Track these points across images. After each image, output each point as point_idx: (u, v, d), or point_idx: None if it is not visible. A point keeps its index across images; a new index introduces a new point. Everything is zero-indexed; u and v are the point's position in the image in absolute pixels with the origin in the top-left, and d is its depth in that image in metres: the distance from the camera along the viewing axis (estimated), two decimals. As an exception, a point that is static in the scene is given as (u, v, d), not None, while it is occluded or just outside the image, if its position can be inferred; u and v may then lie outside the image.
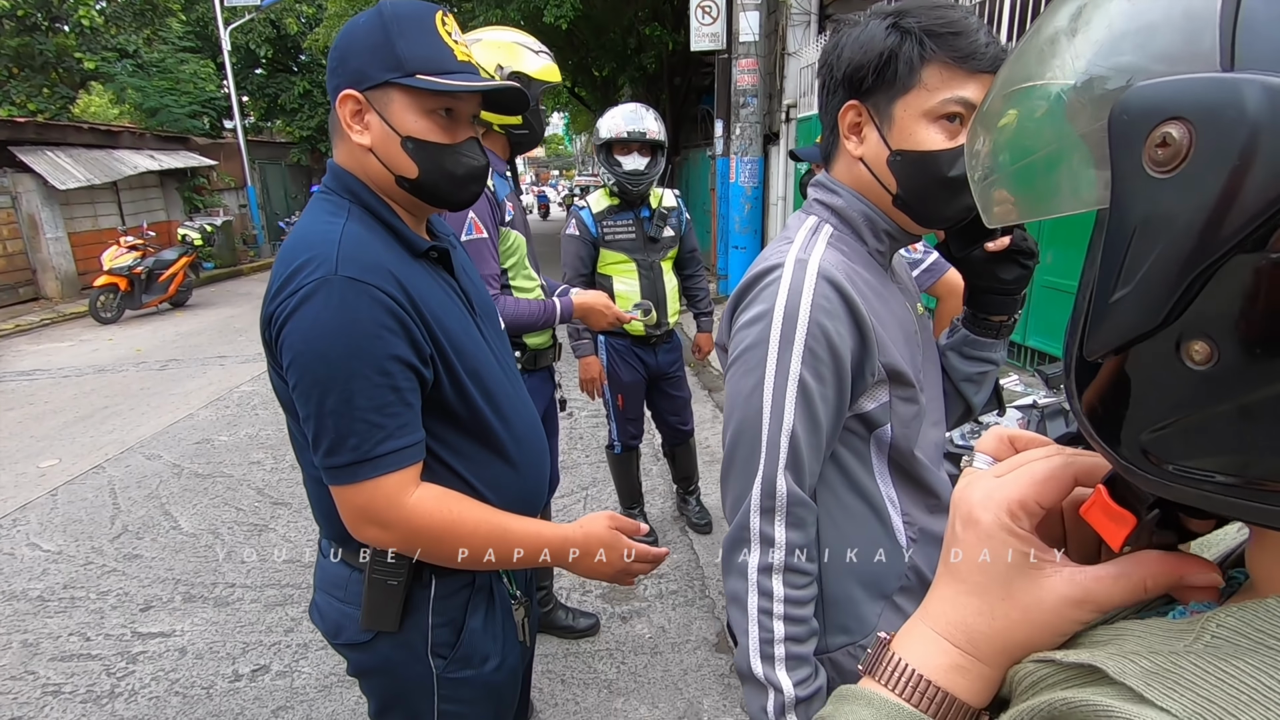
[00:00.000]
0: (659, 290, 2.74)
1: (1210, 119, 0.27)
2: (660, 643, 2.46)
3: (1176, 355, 0.30)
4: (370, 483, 0.89)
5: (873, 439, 0.93)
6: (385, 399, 0.88)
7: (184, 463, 4.15)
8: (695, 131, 12.79)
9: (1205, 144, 0.27)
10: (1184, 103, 0.28)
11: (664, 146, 2.66)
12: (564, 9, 9.42)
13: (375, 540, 0.94)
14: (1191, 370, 0.30)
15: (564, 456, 4.06)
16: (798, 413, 0.85)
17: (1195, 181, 0.28)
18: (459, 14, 10.99)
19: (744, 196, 8.19)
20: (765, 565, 0.87)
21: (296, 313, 0.86)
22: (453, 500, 0.96)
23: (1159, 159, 0.29)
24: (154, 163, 11.73)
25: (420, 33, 0.93)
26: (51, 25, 13.18)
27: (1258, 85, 0.26)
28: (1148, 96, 0.29)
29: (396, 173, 0.97)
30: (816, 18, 7.47)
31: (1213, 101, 0.27)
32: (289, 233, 0.96)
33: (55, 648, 2.52)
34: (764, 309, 0.86)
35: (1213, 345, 0.29)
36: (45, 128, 10.43)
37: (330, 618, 1.04)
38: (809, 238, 0.91)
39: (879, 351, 0.87)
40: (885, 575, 0.95)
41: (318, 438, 0.89)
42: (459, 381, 0.97)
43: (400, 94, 0.93)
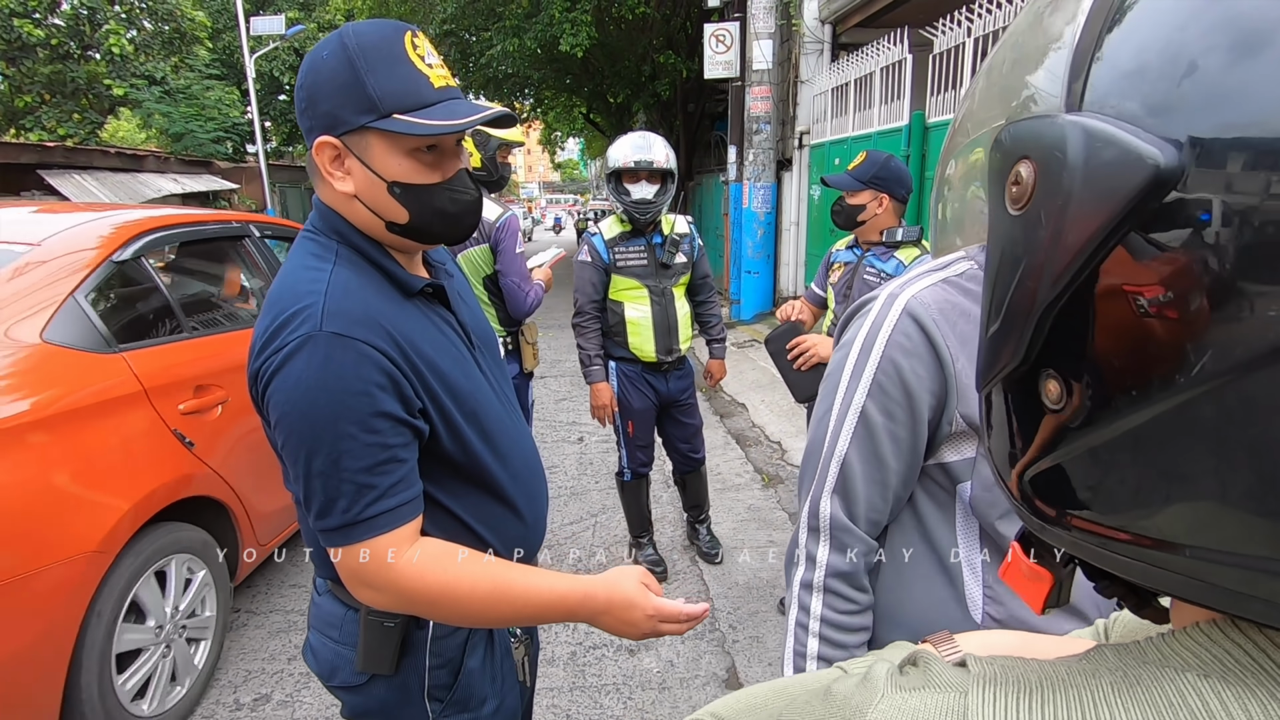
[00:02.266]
0: (671, 316, 2.72)
1: (1045, 158, 0.28)
2: (668, 678, 2.40)
3: (1037, 393, 0.30)
4: (361, 545, 0.85)
5: (957, 495, 0.87)
6: (376, 458, 0.84)
7: (195, 484, 4.16)
8: (709, 157, 12.91)
9: (1042, 183, 0.28)
10: (1029, 143, 0.29)
11: (673, 174, 2.65)
12: (580, 38, 9.58)
13: (370, 601, 0.90)
14: (1047, 409, 0.30)
15: (574, 482, 4.03)
16: (856, 442, 0.86)
17: (1034, 219, 0.29)
18: (477, 43, 11.22)
19: (757, 222, 8.21)
20: (806, 581, 0.89)
21: (281, 371, 0.83)
22: (450, 560, 0.90)
23: (1013, 196, 0.30)
24: (177, 186, 11.98)
25: (390, 63, 0.85)
26: (83, 53, 13.60)
27: (1079, 127, 0.27)
28: (1011, 135, 0.31)
29: (386, 219, 0.91)
30: (830, 46, 7.54)
31: (1046, 141, 0.28)
32: (278, 275, 0.92)
33: (58, 672, 2.50)
34: (849, 338, 0.89)
35: (1061, 385, 0.29)
36: (73, 152, 10.71)
37: (324, 658, 1.01)
38: (926, 272, 0.88)
39: (960, 400, 0.82)
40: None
41: (308, 499, 0.85)
42: (455, 429, 0.93)
43: (379, 137, 0.86)
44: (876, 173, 2.26)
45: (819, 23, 7.52)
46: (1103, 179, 0.26)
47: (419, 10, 11.80)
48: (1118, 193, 0.25)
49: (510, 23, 10.28)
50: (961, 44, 4.72)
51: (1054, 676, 0.31)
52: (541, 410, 5.35)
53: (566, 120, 20.48)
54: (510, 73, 11.29)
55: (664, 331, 2.71)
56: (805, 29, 7.52)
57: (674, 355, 2.75)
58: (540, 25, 9.91)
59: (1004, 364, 0.32)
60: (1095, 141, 0.26)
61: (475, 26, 11.17)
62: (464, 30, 11.34)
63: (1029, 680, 0.31)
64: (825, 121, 7.33)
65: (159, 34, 14.50)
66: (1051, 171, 0.28)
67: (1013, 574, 0.37)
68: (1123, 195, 0.25)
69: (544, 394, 5.83)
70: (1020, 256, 0.29)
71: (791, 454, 4.32)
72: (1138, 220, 0.25)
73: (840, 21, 7.30)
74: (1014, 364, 0.31)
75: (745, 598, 2.85)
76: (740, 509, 3.68)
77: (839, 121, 6.96)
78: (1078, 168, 0.26)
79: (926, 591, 0.89)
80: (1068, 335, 0.28)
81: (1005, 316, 0.31)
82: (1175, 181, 0.24)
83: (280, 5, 18.30)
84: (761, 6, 7.62)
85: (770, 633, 2.62)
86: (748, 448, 4.55)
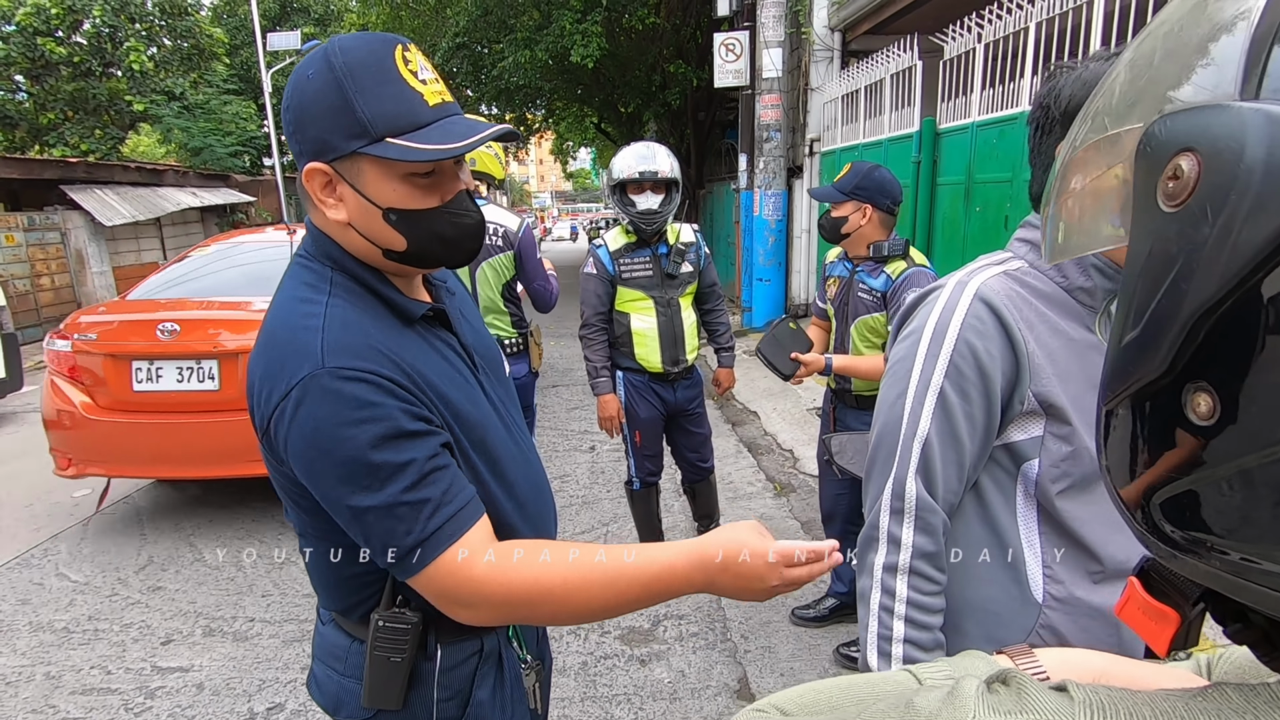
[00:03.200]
0: (677, 327, 2.72)
1: (1214, 150, 0.26)
2: (680, 688, 2.39)
3: (1181, 408, 0.28)
4: (435, 563, 0.81)
5: (1020, 475, 0.90)
6: (419, 473, 0.80)
7: (210, 495, 4.20)
8: (719, 165, 12.93)
9: (1209, 176, 0.26)
10: (1194, 133, 0.27)
11: (678, 183, 2.65)
12: (590, 48, 9.65)
13: (471, 620, 0.85)
14: (1195, 425, 0.27)
15: (586, 491, 4.03)
16: (935, 422, 0.88)
17: (1197, 216, 0.26)
18: (489, 55, 11.34)
19: (768, 229, 8.21)
20: (890, 565, 0.90)
21: (296, 420, 0.78)
22: (534, 554, 0.85)
23: (1170, 192, 0.27)
24: (196, 199, 12.18)
25: (380, 83, 0.79)
26: (105, 70, 13.88)
27: (1262, 114, 0.24)
28: (1168, 128, 0.28)
29: (382, 246, 0.86)
30: (839, 54, 7.54)
31: (1218, 131, 0.26)
32: (270, 306, 0.89)
33: (77, 681, 2.53)
34: (917, 325, 0.91)
35: (1214, 398, 0.26)
36: (95, 167, 10.92)
37: (329, 691, 0.97)
38: (985, 265, 0.93)
39: (1032, 379, 0.86)
40: (1002, 621, 0.92)
41: (368, 540, 0.81)
42: (467, 458, 0.90)
43: (372, 162, 0.81)
44: (858, 183, 2.22)
45: (828, 30, 7.52)
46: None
47: (432, 24, 11.95)
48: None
49: (521, 35, 10.38)
50: (972, 50, 4.71)
51: (1170, 714, 0.28)
52: (553, 419, 5.37)
53: (578, 130, 20.60)
54: (522, 84, 11.38)
55: (670, 342, 2.71)
56: (815, 37, 7.52)
57: (680, 366, 2.75)
58: (551, 37, 9.99)
59: (1141, 375, 0.29)
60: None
61: (487, 39, 11.29)
62: (476, 43, 11.47)
63: (1141, 715, 0.28)
64: (836, 128, 7.32)
65: (178, 51, 14.79)
66: (1224, 163, 0.25)
67: (1130, 612, 0.34)
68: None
69: (555, 402, 5.84)
70: (1174, 256, 0.27)
71: (803, 462, 4.29)
72: None
73: (850, 29, 7.31)
74: (1154, 375, 0.28)
75: (757, 608, 2.83)
76: (752, 518, 3.65)
77: (850, 128, 6.95)
78: (1258, 158, 0.24)
79: (989, 572, 0.92)
80: (1229, 344, 0.26)
81: (1148, 322, 0.28)
82: None
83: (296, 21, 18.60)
84: (771, 15, 7.64)
85: (782, 643, 2.60)
86: (759, 456, 4.53)
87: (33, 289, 9.65)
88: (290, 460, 0.81)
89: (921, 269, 2.20)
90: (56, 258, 10.04)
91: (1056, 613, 0.90)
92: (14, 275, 9.28)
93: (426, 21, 12.08)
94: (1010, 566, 0.91)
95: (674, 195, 2.65)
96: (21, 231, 9.50)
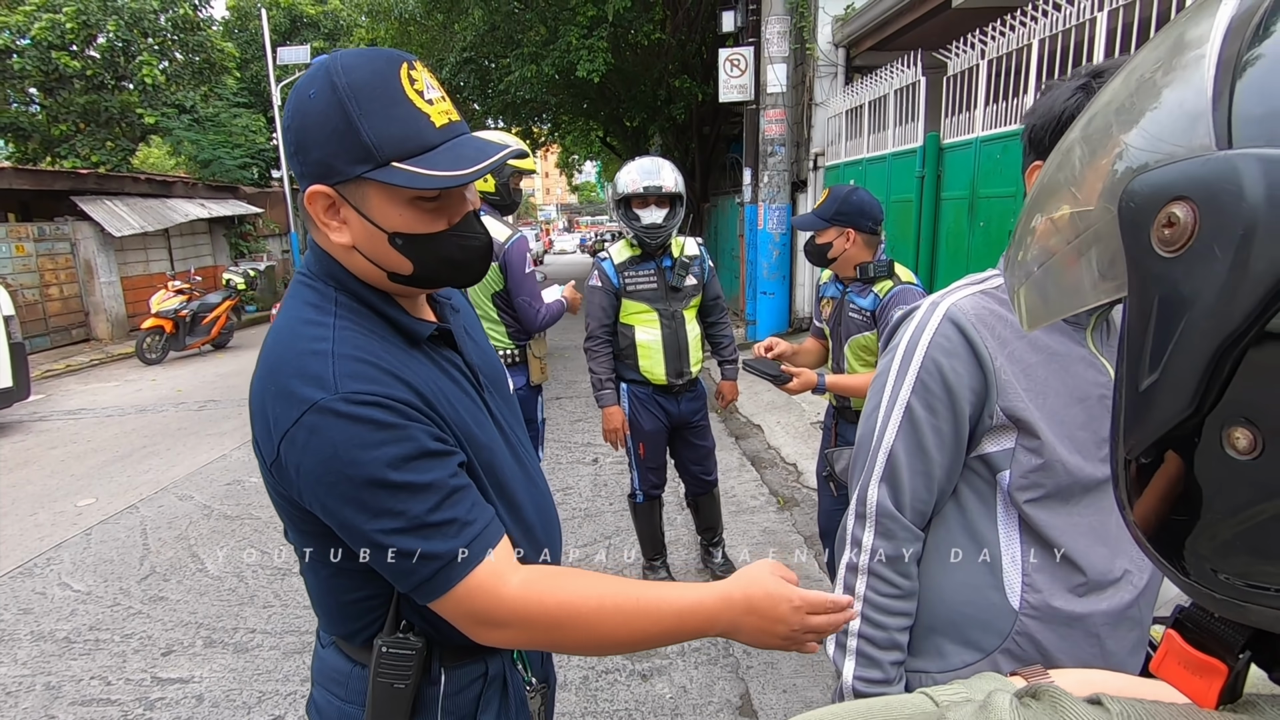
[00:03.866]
0: (681, 339, 2.73)
1: (1211, 195, 0.27)
2: (681, 704, 2.37)
3: (1219, 446, 0.28)
4: (463, 583, 0.79)
5: (997, 483, 0.95)
6: (441, 494, 0.79)
7: (214, 504, 4.21)
8: (724, 179, 12.98)
9: (1209, 220, 0.27)
10: (1185, 183, 0.28)
11: (682, 197, 2.67)
12: (596, 63, 9.74)
13: (498, 642, 0.83)
14: (1237, 461, 0.27)
15: (588, 504, 4.02)
16: (901, 436, 0.93)
17: (1205, 257, 0.27)
18: (497, 70, 11.44)
19: (772, 243, 8.23)
20: (851, 564, 0.98)
21: (310, 446, 0.76)
22: (561, 578, 0.83)
23: (1166, 239, 0.29)
24: (204, 211, 12.27)
25: (386, 104, 0.76)
26: (117, 83, 14.05)
27: (1253, 158, 0.26)
28: (1151, 181, 0.30)
29: (388, 270, 0.84)
30: (843, 69, 7.60)
31: (1212, 178, 0.27)
32: (273, 327, 0.86)
33: (76, 691, 2.52)
34: (895, 343, 0.97)
35: (1255, 431, 0.26)
36: (105, 178, 11.03)
37: (330, 717, 0.95)
38: (965, 285, 0.97)
39: (1000, 395, 0.90)
40: (978, 624, 0.96)
41: (393, 567, 0.79)
42: (476, 478, 0.88)
43: (377, 187, 0.78)
44: (838, 209, 2.23)
45: (833, 46, 7.58)
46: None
47: (440, 39, 12.07)
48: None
49: (528, 50, 10.48)
50: (975, 66, 4.73)
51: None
52: (556, 431, 5.36)
53: (584, 144, 20.73)
54: (528, 98, 11.47)
55: (674, 354, 2.72)
56: (819, 53, 7.58)
57: (685, 378, 2.76)
58: (558, 52, 10.09)
59: (1167, 418, 0.29)
60: (1276, 167, 0.26)
61: (494, 54, 11.40)
62: (483, 57, 11.58)
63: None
64: (840, 143, 7.35)
65: (189, 64, 14.96)
66: (1223, 205, 0.27)
67: (1170, 668, 0.32)
68: None
69: (559, 415, 5.84)
70: (1188, 298, 0.28)
71: (807, 476, 4.28)
72: None
73: (854, 45, 7.36)
74: (1183, 416, 0.28)
75: (760, 622, 2.81)
76: (755, 532, 3.64)
77: (854, 143, 6.99)
78: (1259, 196, 0.26)
79: (967, 577, 0.95)
80: (1260, 373, 0.26)
81: (1169, 364, 0.29)
82: None
83: (306, 36, 18.82)
84: (775, 31, 7.70)
85: (785, 659, 2.58)
86: (763, 469, 4.52)
87: (41, 298, 9.72)
88: (303, 486, 0.79)
89: (908, 286, 2.22)
90: (65, 268, 10.12)
91: (1034, 620, 0.93)
92: (23, 285, 9.35)
93: (434, 36, 12.20)
94: (988, 572, 0.95)
95: (678, 209, 2.66)
96: (32, 241, 9.59)
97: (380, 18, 12.15)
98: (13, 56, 13.00)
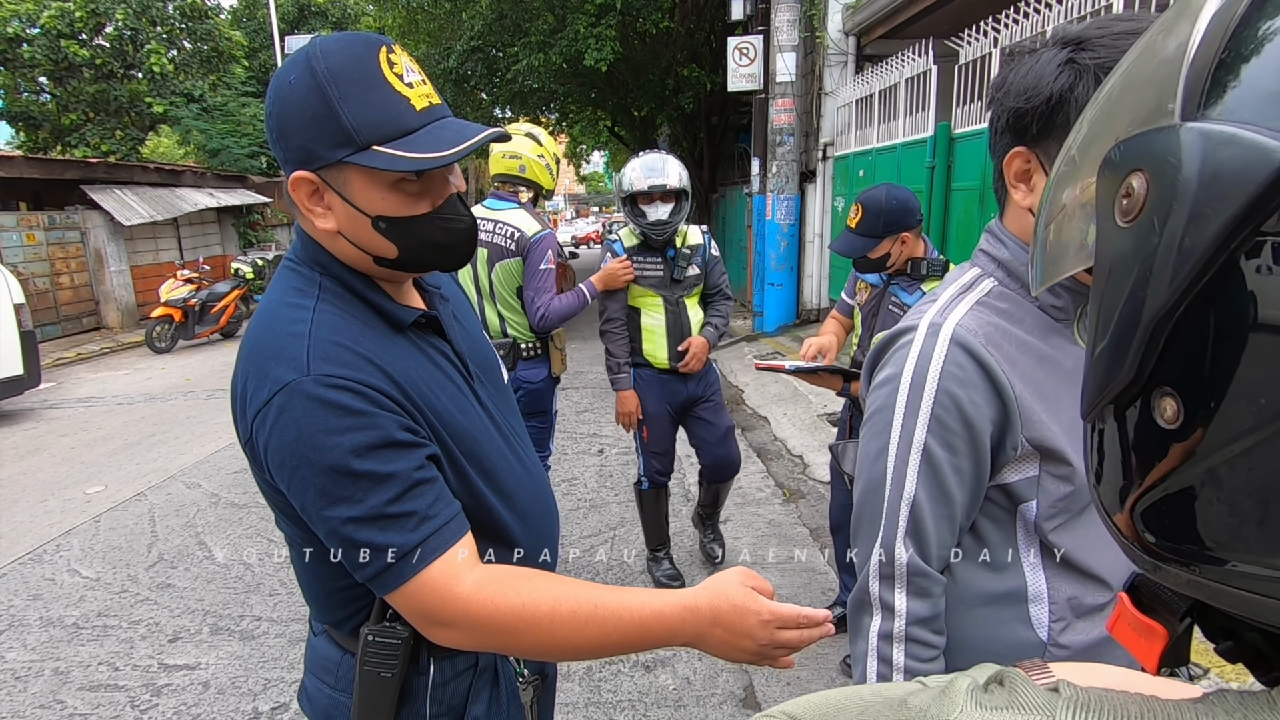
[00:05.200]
0: (684, 324, 2.78)
1: (1158, 167, 0.28)
2: (685, 695, 2.37)
3: (1151, 414, 0.29)
4: (417, 578, 0.78)
5: (1019, 515, 0.85)
6: (404, 485, 0.78)
7: (222, 492, 4.23)
8: (732, 169, 12.90)
9: (1155, 191, 0.28)
10: (1142, 154, 0.29)
11: (687, 193, 2.69)
12: (604, 52, 9.66)
13: (449, 641, 0.82)
14: (1163, 430, 0.29)
15: (594, 495, 4.02)
16: (922, 482, 0.82)
17: (1147, 229, 0.28)
18: (504, 59, 11.38)
19: (780, 234, 8.18)
20: (885, 632, 0.86)
21: (278, 426, 0.76)
22: (519, 580, 0.82)
23: (1124, 209, 0.30)
24: (213, 200, 12.31)
25: (364, 88, 0.76)
26: (126, 73, 14.07)
27: (1193, 131, 0.26)
28: (1120, 151, 0.31)
29: (372, 254, 0.84)
30: (854, 58, 7.51)
31: (1159, 150, 0.28)
32: (256, 311, 0.87)
33: (84, 677, 2.55)
34: (893, 372, 0.85)
35: (1178, 402, 0.28)
36: (114, 168, 11.07)
37: (320, 705, 0.95)
38: (956, 295, 0.87)
39: (1024, 425, 0.81)
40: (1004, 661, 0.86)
41: (347, 553, 0.79)
42: (460, 469, 0.88)
43: (359, 170, 0.79)
44: (885, 220, 2.16)
45: (843, 35, 7.49)
46: (1223, 178, 0.25)
47: (447, 28, 12.01)
48: (1239, 190, 0.25)
49: (536, 39, 10.42)
50: (988, 54, 4.66)
51: (1159, 713, 0.29)
52: (563, 422, 5.36)
53: (591, 134, 20.63)
54: (536, 87, 11.41)
55: (676, 338, 2.78)
56: (829, 41, 7.50)
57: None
58: (565, 41, 10.01)
59: (1114, 384, 0.30)
60: (1212, 142, 0.26)
61: (502, 42, 11.33)
62: (491, 46, 11.51)
63: (1128, 712, 0.29)
64: (849, 133, 7.28)
65: (198, 53, 14.96)
66: (1165, 177, 0.27)
67: (1121, 629, 0.34)
68: (1244, 193, 0.25)
69: (565, 405, 5.84)
70: (1131, 268, 0.29)
71: (813, 468, 4.26)
72: (1263, 220, 0.24)
73: (864, 33, 7.27)
74: (1125, 383, 0.30)
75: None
76: (761, 524, 3.63)
77: (863, 133, 6.92)
78: (1193, 170, 0.26)
79: (990, 613, 0.87)
80: (1186, 347, 0.27)
81: (1115, 332, 0.30)
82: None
83: (314, 24, 18.80)
84: (785, 19, 7.62)
85: (789, 651, 2.57)
86: (769, 461, 4.50)
87: (52, 287, 9.79)
88: (271, 468, 0.79)
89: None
90: (76, 256, 10.18)
91: (1063, 651, 0.86)
92: (34, 274, 9.41)
93: (442, 25, 12.14)
94: (1011, 605, 0.86)
95: (684, 204, 2.69)
96: (42, 231, 9.65)
97: (387, 6, 12.08)
98: (23, 45, 13.03)
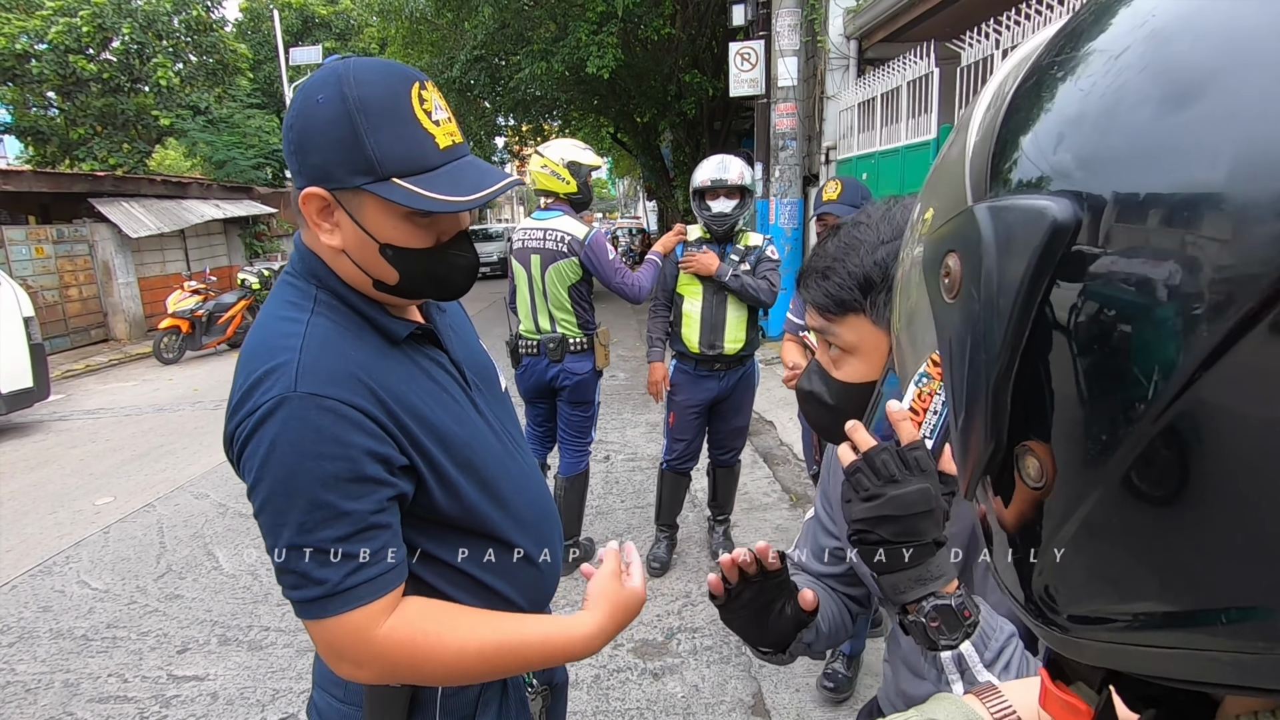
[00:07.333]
0: (719, 315, 2.94)
1: (964, 244, 0.30)
2: (693, 703, 2.36)
3: (1019, 479, 0.29)
4: (336, 620, 0.79)
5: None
6: (356, 526, 0.79)
7: (229, 502, 4.24)
8: (735, 174, 12.88)
9: (966, 265, 0.30)
10: (950, 238, 0.31)
11: (750, 190, 2.94)
12: (606, 59, 9.70)
13: (352, 677, 0.84)
14: (1033, 491, 0.28)
15: (599, 501, 4.02)
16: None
17: (969, 299, 0.30)
18: (507, 67, 11.44)
19: (784, 238, 8.17)
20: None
21: (255, 436, 0.78)
22: (431, 620, 0.84)
23: (946, 287, 0.32)
24: (219, 211, 12.38)
25: (394, 123, 0.78)
26: (133, 86, 14.21)
27: (984, 209, 0.29)
28: (934, 240, 0.33)
29: (374, 277, 0.85)
30: (855, 61, 7.51)
31: (962, 230, 0.30)
32: (253, 324, 0.88)
33: (94, 688, 2.55)
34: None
35: (1038, 460, 0.28)
36: (122, 180, 11.16)
37: (329, 719, 0.95)
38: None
39: None
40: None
41: (281, 572, 0.80)
42: (448, 482, 0.88)
43: (374, 199, 0.80)
44: (864, 194, 2.31)
45: (844, 39, 7.49)
46: (1014, 239, 0.27)
47: (450, 37, 12.09)
48: (1028, 246, 0.27)
49: (538, 47, 10.47)
50: (989, 56, 4.66)
51: None
52: (568, 428, 5.35)
53: (594, 140, 20.65)
54: (539, 95, 11.46)
55: (709, 327, 2.95)
56: (830, 45, 7.50)
57: (716, 350, 2.96)
58: (567, 48, 10.06)
59: (979, 454, 0.30)
60: (999, 212, 0.28)
61: (504, 51, 11.39)
62: (494, 55, 11.57)
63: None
64: (852, 136, 7.28)
65: (204, 66, 15.11)
66: (971, 249, 0.29)
67: (1051, 703, 0.34)
68: (1033, 247, 0.26)
69: (571, 412, 5.83)
70: (965, 338, 0.30)
71: (820, 473, 4.24)
72: (1052, 274, 0.26)
73: (866, 37, 7.27)
74: (990, 449, 0.29)
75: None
76: (767, 529, 3.62)
77: (866, 136, 6.91)
78: (990, 238, 0.28)
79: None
80: (1030, 404, 0.28)
81: (967, 403, 0.30)
82: (1074, 230, 0.25)
83: (318, 36, 18.94)
84: (786, 24, 7.63)
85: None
86: (775, 466, 4.49)
87: (61, 299, 9.85)
88: (244, 474, 0.81)
89: None
90: (84, 269, 10.25)
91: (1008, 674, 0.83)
92: (43, 286, 9.48)
93: (445, 35, 12.21)
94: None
95: (746, 200, 2.93)
96: (51, 244, 9.72)
97: (391, 17, 12.15)
98: (31, 61, 13.17)
